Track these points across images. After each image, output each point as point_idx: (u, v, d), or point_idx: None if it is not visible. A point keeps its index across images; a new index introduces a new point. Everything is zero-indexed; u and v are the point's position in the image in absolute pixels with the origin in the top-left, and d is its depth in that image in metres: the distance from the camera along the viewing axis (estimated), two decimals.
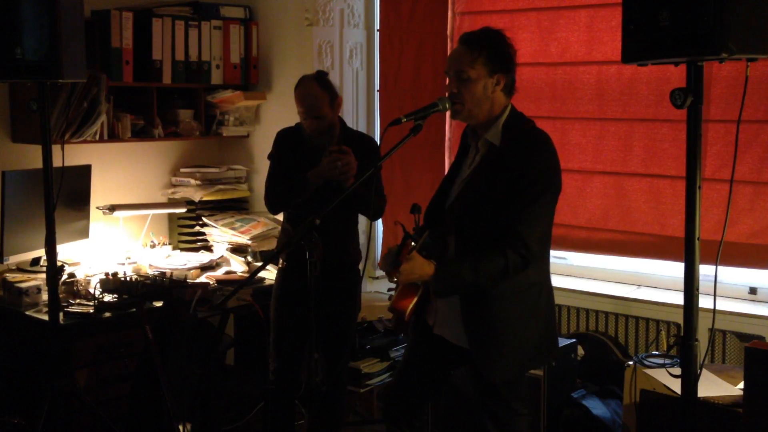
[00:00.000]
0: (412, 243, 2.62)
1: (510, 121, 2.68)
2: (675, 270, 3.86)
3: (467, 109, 2.66)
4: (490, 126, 2.68)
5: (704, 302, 2.28)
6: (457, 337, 2.73)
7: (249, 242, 4.36)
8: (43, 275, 3.46)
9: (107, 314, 3.51)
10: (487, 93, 2.64)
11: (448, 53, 4.34)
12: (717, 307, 2.33)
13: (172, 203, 4.60)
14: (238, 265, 4.31)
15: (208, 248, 4.58)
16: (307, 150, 3.45)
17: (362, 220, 3.75)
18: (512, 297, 2.66)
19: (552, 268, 2.85)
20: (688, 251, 2.24)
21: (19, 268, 3.95)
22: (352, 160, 3.26)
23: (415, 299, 2.73)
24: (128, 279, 3.73)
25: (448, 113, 2.72)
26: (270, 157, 3.60)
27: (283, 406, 3.60)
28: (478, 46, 2.62)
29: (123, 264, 4.14)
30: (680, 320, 2.35)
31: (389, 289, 3.33)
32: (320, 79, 3.42)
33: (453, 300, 2.70)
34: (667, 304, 3.75)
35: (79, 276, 3.87)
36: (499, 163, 2.63)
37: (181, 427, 3.37)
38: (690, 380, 2.26)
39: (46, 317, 3.34)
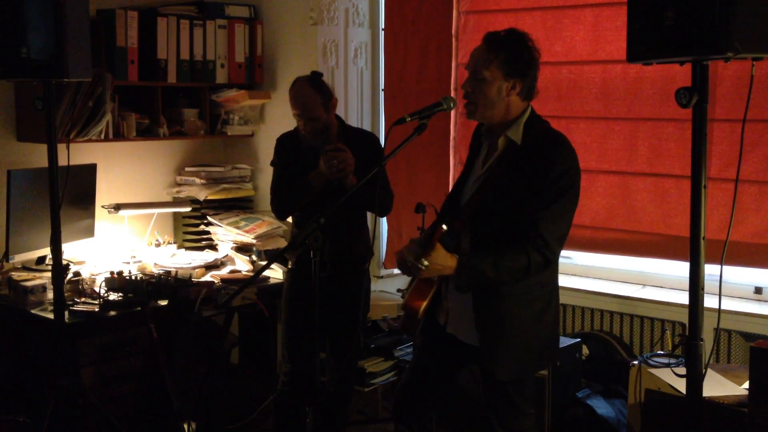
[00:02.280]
0: (444, 227, 2.55)
1: (530, 121, 2.67)
2: (680, 269, 3.85)
3: (480, 110, 2.65)
4: (509, 125, 2.66)
5: (709, 302, 2.28)
6: (469, 335, 2.73)
7: (254, 241, 4.36)
8: (49, 274, 3.47)
9: (112, 313, 3.52)
10: (501, 96, 2.62)
11: (453, 52, 4.35)
12: (722, 307, 2.32)
13: (176, 202, 4.61)
14: (242, 264, 4.32)
15: (213, 247, 4.59)
16: (304, 152, 3.47)
17: (370, 219, 3.75)
18: (525, 297, 2.66)
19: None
20: (694, 251, 2.24)
21: (25, 267, 3.96)
22: (349, 157, 3.28)
23: (429, 297, 2.72)
24: (133, 278, 3.74)
25: (452, 112, 2.72)
26: (272, 163, 3.61)
27: (293, 408, 3.60)
28: (497, 48, 2.60)
29: (128, 263, 4.14)
30: (685, 320, 2.35)
31: (399, 289, 3.33)
32: (313, 80, 3.42)
33: (465, 299, 2.70)
34: (672, 303, 3.75)
35: (85, 275, 3.88)
36: (520, 161, 2.62)
37: (185, 426, 3.38)
38: (695, 380, 2.26)
39: (51, 316, 3.34)
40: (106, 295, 3.59)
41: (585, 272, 4.23)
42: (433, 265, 2.52)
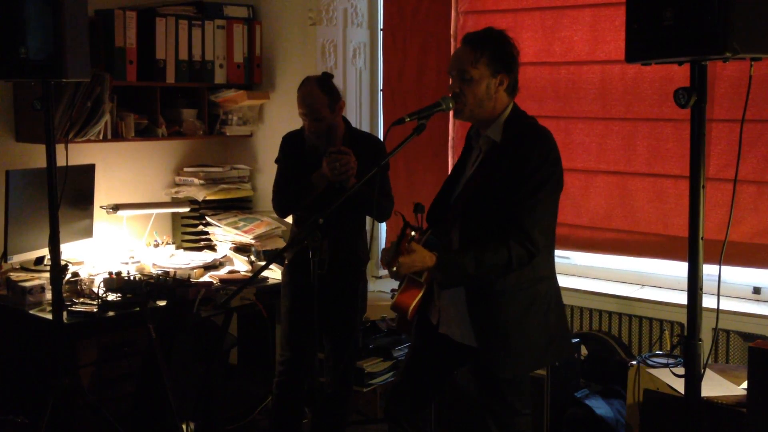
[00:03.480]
0: (412, 233, 2.58)
1: (511, 118, 2.69)
2: (678, 269, 3.85)
3: (469, 109, 2.67)
4: (491, 124, 2.69)
5: (708, 302, 2.28)
6: (463, 335, 2.72)
7: (252, 241, 4.36)
8: (47, 274, 3.47)
9: (111, 313, 3.51)
10: (489, 93, 2.65)
11: (452, 53, 4.34)
12: (720, 307, 2.33)
13: (175, 202, 4.61)
14: (241, 265, 4.32)
15: (212, 247, 4.59)
16: (308, 152, 3.47)
17: (367, 219, 3.75)
18: (519, 292, 2.66)
19: (555, 268, 2.85)
20: (692, 251, 2.24)
21: (23, 267, 3.96)
22: (351, 161, 3.28)
23: (417, 297, 2.72)
24: (132, 278, 3.73)
25: (451, 112, 2.72)
26: (277, 161, 3.61)
27: (289, 402, 3.60)
28: (481, 46, 2.63)
29: (126, 263, 4.14)
30: (684, 320, 2.35)
31: (392, 290, 3.33)
32: (322, 81, 3.43)
33: (458, 298, 2.70)
34: (670, 303, 3.75)
35: (83, 275, 3.88)
36: (500, 158, 2.64)
37: (184, 426, 3.38)
38: (693, 380, 2.26)
39: (49, 316, 3.34)
40: (104, 295, 3.58)
41: (583, 272, 4.23)
42: (409, 266, 2.55)
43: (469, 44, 2.65)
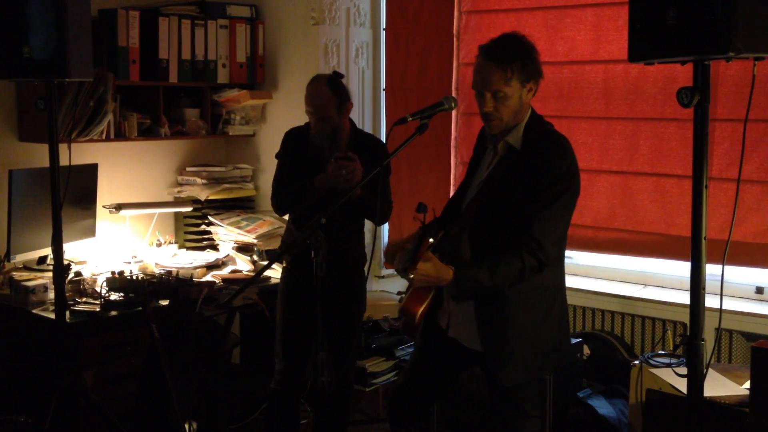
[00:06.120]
0: (430, 240, 2.57)
1: (530, 124, 2.68)
2: (681, 269, 3.85)
3: (505, 123, 2.65)
4: (511, 129, 2.67)
5: (710, 302, 2.28)
6: (471, 339, 2.72)
7: (255, 241, 4.36)
8: (50, 274, 3.47)
9: (113, 313, 3.52)
10: (521, 102, 2.64)
11: (455, 52, 4.35)
12: (723, 307, 2.32)
13: (178, 202, 4.61)
14: (244, 264, 4.32)
15: (214, 247, 4.59)
16: (311, 150, 3.46)
17: (366, 225, 3.74)
18: (526, 301, 2.65)
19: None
20: (695, 250, 2.24)
21: (26, 267, 3.96)
22: (358, 168, 3.26)
23: (426, 303, 2.71)
24: (134, 278, 3.74)
25: (454, 112, 2.72)
26: (278, 156, 3.60)
27: (287, 406, 3.59)
28: (509, 62, 2.58)
29: (129, 263, 4.14)
30: (686, 320, 2.35)
31: (399, 292, 3.32)
32: (332, 81, 3.41)
33: (467, 303, 2.70)
34: (673, 303, 3.75)
35: (86, 274, 3.88)
36: (518, 166, 2.63)
37: (186, 426, 3.38)
38: (696, 380, 2.26)
39: (52, 316, 3.35)
40: (107, 295, 3.59)
41: (586, 272, 4.23)
42: (420, 277, 2.53)
43: (496, 62, 2.58)
